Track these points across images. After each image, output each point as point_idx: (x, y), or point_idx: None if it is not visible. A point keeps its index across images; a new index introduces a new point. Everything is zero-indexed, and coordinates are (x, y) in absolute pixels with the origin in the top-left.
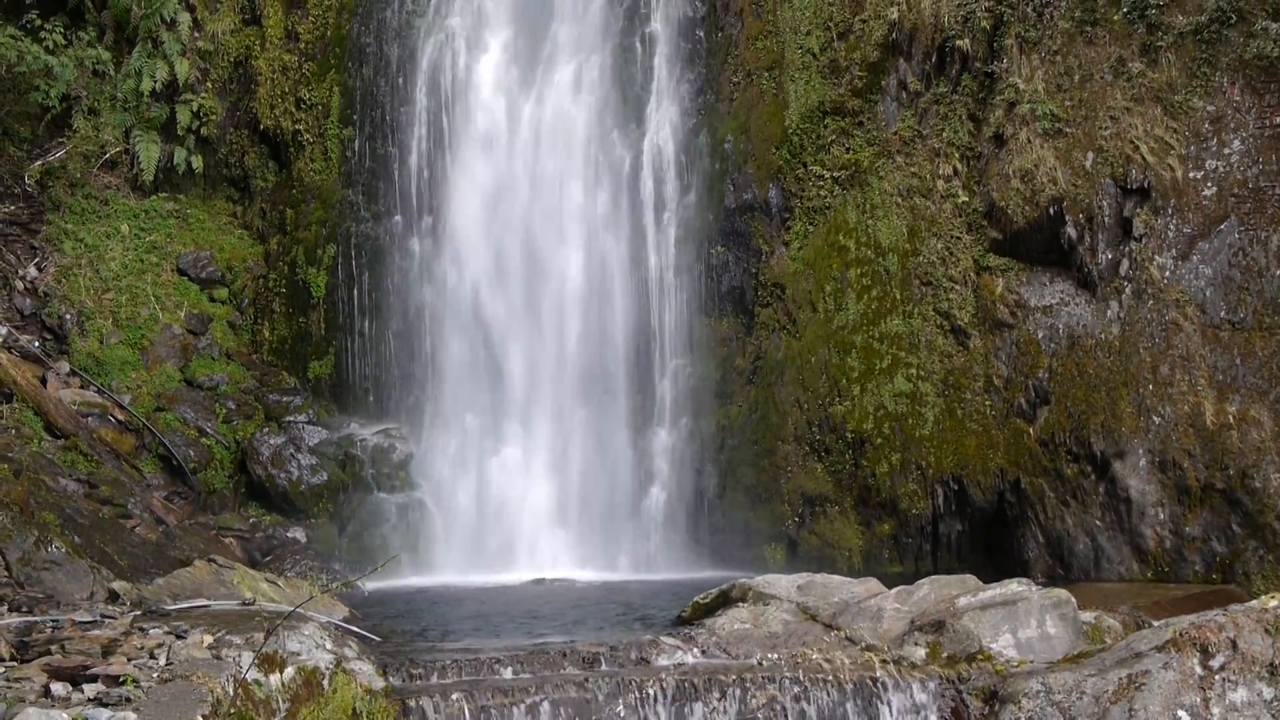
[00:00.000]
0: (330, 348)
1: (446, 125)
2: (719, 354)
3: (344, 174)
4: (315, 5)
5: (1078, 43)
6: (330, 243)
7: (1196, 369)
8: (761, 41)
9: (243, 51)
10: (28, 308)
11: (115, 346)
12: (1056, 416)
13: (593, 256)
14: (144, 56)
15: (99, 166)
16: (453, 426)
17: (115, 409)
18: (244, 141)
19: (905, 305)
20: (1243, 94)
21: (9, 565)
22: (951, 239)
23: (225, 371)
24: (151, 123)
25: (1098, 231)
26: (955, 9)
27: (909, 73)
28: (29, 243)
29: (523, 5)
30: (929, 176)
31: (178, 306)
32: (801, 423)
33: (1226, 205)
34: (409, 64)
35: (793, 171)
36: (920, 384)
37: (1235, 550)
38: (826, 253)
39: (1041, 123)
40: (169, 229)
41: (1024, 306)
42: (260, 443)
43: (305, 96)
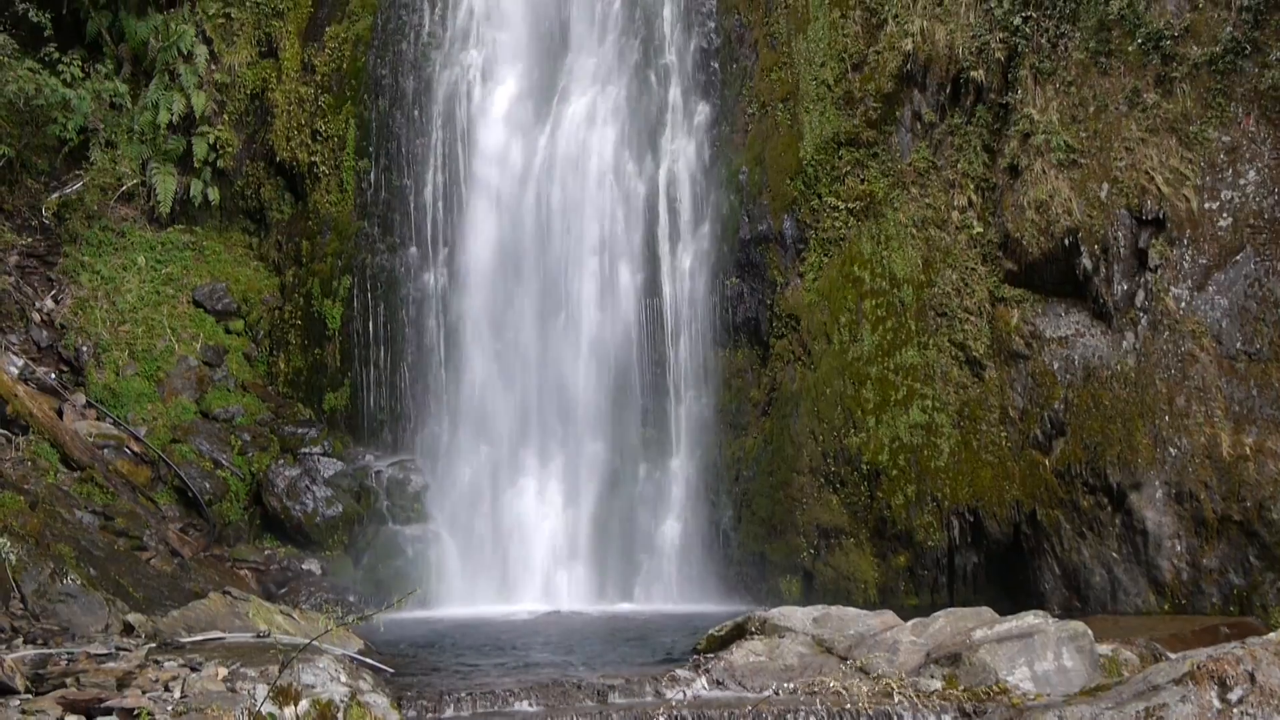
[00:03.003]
0: (345, 379)
1: (462, 157)
2: (734, 385)
3: (359, 206)
4: (331, 38)
5: (1092, 74)
6: (345, 274)
7: (1213, 400)
8: (776, 73)
9: (259, 84)
10: (44, 340)
11: (131, 378)
12: (1072, 448)
13: (608, 288)
14: (161, 89)
15: (116, 199)
16: (467, 458)
17: (131, 441)
18: (260, 174)
19: (920, 336)
20: (1258, 124)
21: (24, 598)
22: (966, 270)
23: (241, 403)
24: (168, 155)
25: (1113, 262)
26: (969, 40)
27: (923, 104)
28: (46, 275)
29: (538, 38)
30: (944, 207)
31: (193, 338)
32: (816, 454)
33: (1242, 236)
34: (425, 96)
35: (807, 203)
36: (935, 415)
37: (1253, 582)
38: (841, 284)
39: (1056, 154)
40: (185, 261)
41: (1039, 338)
42: (275, 475)
43: (321, 129)
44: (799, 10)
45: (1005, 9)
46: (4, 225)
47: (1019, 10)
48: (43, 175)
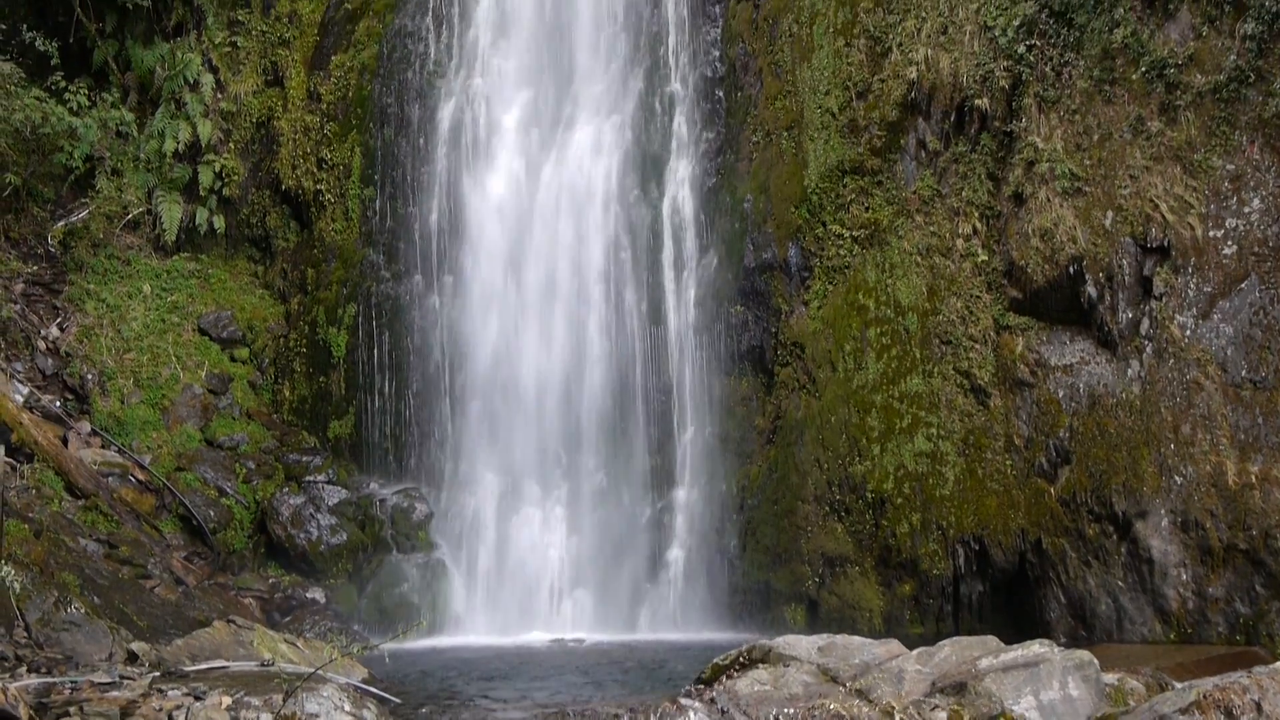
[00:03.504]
0: (350, 407)
1: (467, 185)
2: (738, 413)
3: (365, 234)
4: (337, 67)
5: (1096, 102)
6: (351, 302)
7: (1218, 428)
8: (781, 101)
9: (265, 112)
10: (50, 368)
11: (136, 406)
12: (1078, 476)
13: (612, 316)
14: (167, 118)
15: (121, 227)
16: (472, 486)
17: (136, 469)
18: (265, 202)
19: (925, 364)
20: (1262, 152)
21: (28, 626)
22: (971, 298)
23: (245, 431)
24: (174, 183)
25: (1118, 290)
26: (974, 69)
27: (928, 132)
28: (51, 303)
29: (543, 66)
30: (948, 235)
31: (198, 366)
32: (821, 482)
33: (1247, 264)
34: (430, 124)
35: (812, 231)
36: (940, 443)
37: (1259, 611)
38: (846, 312)
39: (1061, 181)
40: (190, 289)
41: (1044, 365)
42: (280, 503)
43: (327, 157)
44: (803, 39)
45: (1009, 37)
46: (10, 253)
47: (1023, 39)
48: (49, 203)
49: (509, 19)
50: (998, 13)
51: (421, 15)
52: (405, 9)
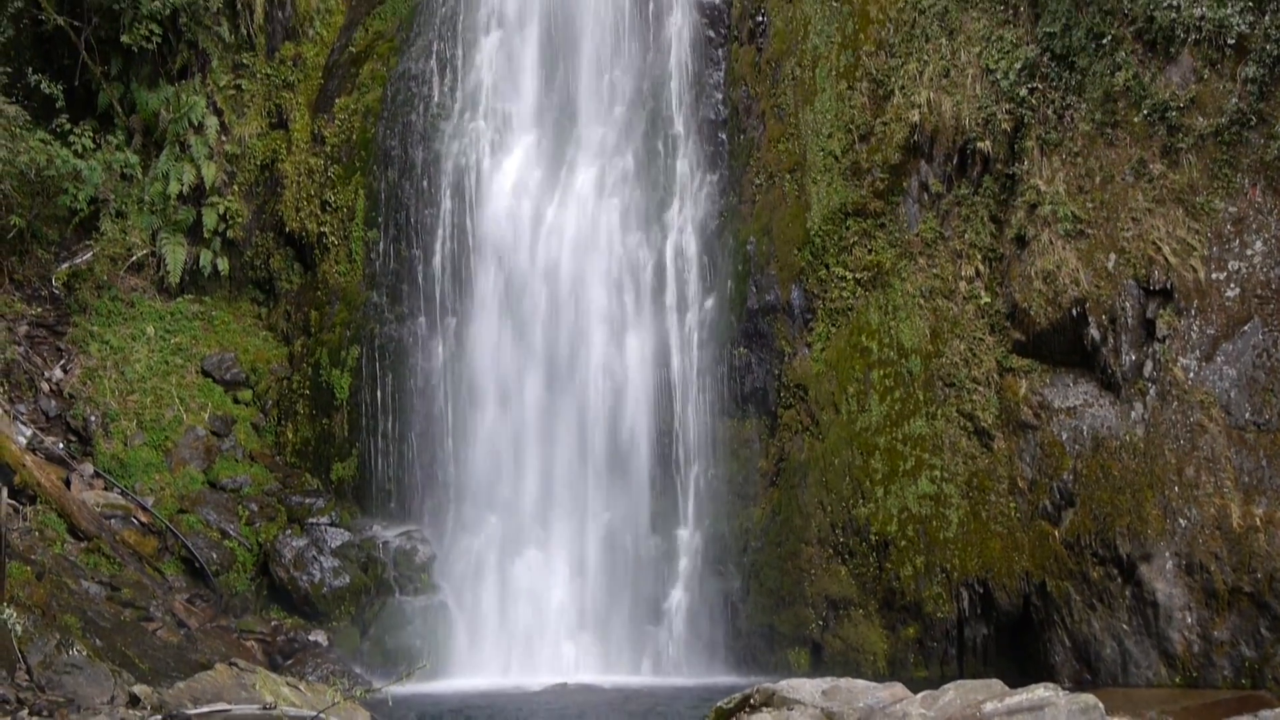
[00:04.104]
0: (353, 449)
1: (470, 227)
2: (741, 455)
3: (368, 276)
4: (341, 109)
5: (1098, 144)
6: (354, 344)
7: (1222, 471)
8: (783, 144)
9: (269, 155)
10: (53, 409)
11: (139, 448)
12: (1082, 519)
13: (615, 358)
14: (172, 160)
15: (125, 269)
16: (475, 528)
17: (138, 511)
18: (269, 244)
19: (928, 407)
20: (1264, 195)
21: (30, 669)
22: (974, 340)
23: (248, 473)
24: (178, 225)
25: (1121, 333)
26: (976, 111)
27: (930, 174)
28: (55, 344)
29: (547, 108)
30: (951, 278)
31: (201, 408)
32: (825, 525)
33: (1250, 306)
34: (433, 167)
35: (815, 273)
36: (944, 486)
37: (1264, 655)
38: (849, 354)
39: (1063, 224)
40: (194, 331)
41: (1048, 408)
42: (282, 545)
43: (330, 199)
44: (806, 82)
45: (1011, 80)
46: (14, 295)
47: (1025, 82)
48: (53, 245)
49: (512, 62)
50: (999, 56)
51: (425, 58)
52: (409, 52)
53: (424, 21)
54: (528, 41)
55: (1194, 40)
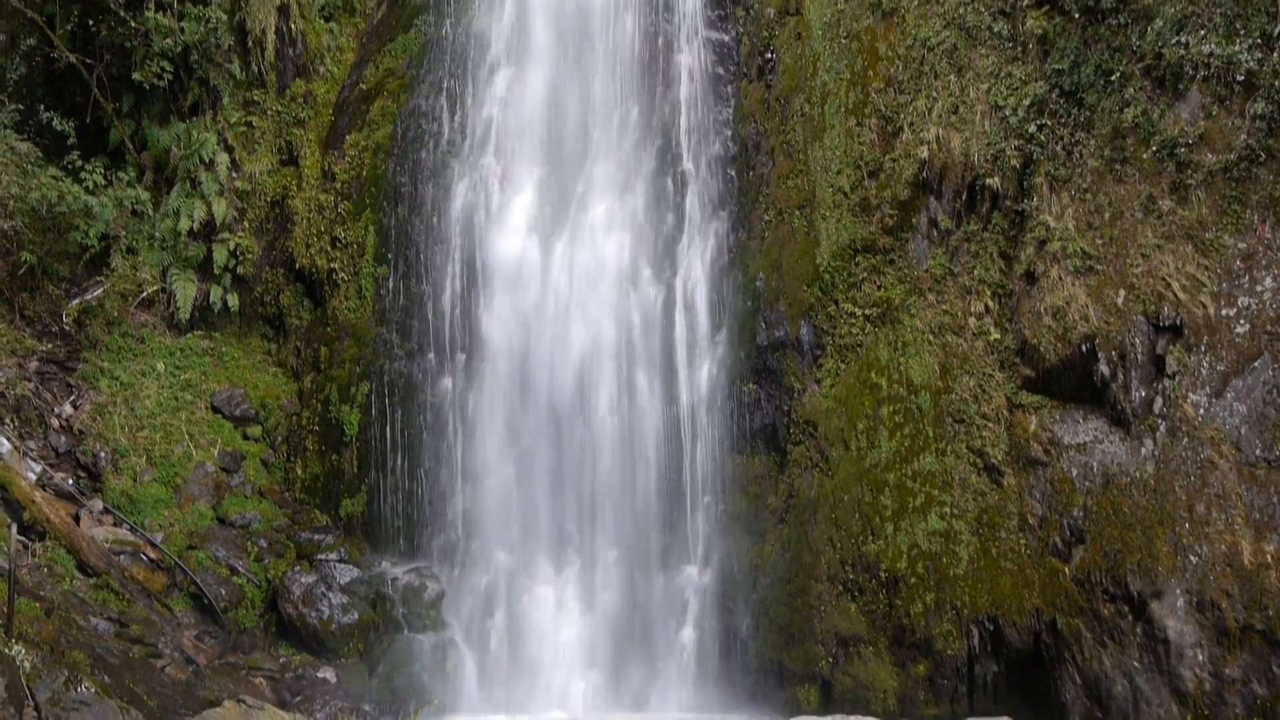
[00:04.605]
0: (362, 486)
1: (480, 263)
2: (751, 491)
3: (378, 312)
4: (351, 146)
5: (1107, 181)
6: (364, 380)
7: (1233, 508)
8: (793, 180)
9: (280, 191)
10: (63, 445)
11: (148, 484)
12: (1092, 555)
13: (625, 394)
14: (182, 196)
15: (136, 305)
16: (484, 564)
17: (147, 547)
18: (279, 280)
19: (938, 443)
20: (1273, 231)
21: (38, 706)
22: (984, 376)
23: (257, 509)
24: (189, 261)
25: (1130, 369)
26: (985, 148)
27: (940, 210)
28: (65, 381)
29: (556, 145)
30: (961, 314)
31: (211, 444)
32: (835, 561)
33: (1260, 343)
34: (443, 203)
35: (824, 309)
36: (954, 522)
37: (1276, 693)
38: (858, 390)
39: (1072, 260)
40: (204, 367)
41: (1058, 444)
42: (291, 581)
43: (341, 235)
44: (815, 118)
45: (1020, 117)
46: (24, 331)
47: (1034, 118)
48: (64, 281)
49: (522, 99)
50: (1008, 92)
51: (435, 95)
52: (419, 89)
53: (434, 59)
54: (537, 79)
55: (1202, 77)
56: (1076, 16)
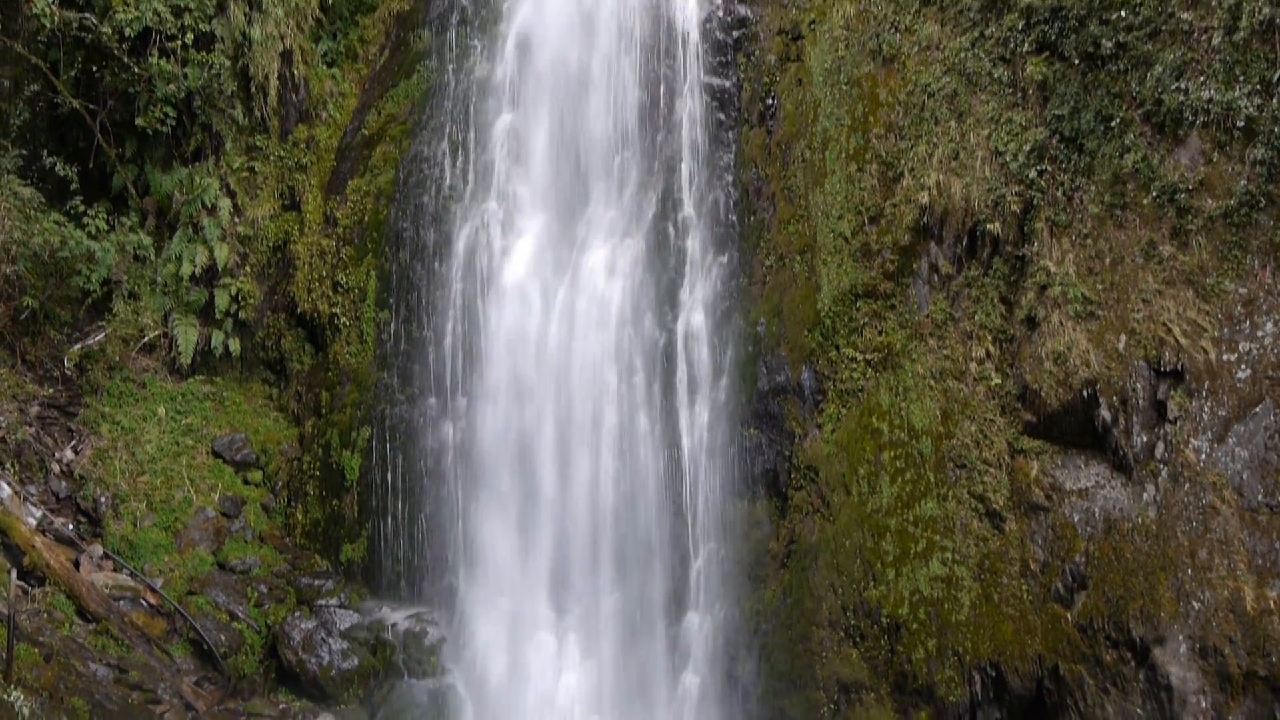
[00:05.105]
0: (363, 531)
1: (481, 308)
2: (752, 537)
3: (379, 357)
4: (354, 191)
5: (1108, 226)
6: (365, 425)
7: (1235, 553)
8: (793, 225)
9: (282, 236)
10: (63, 490)
11: (149, 529)
12: (1094, 601)
13: (626, 439)
14: (184, 241)
15: (137, 350)
16: (485, 610)
17: (147, 593)
18: (281, 325)
19: (939, 488)
20: (1274, 276)
21: None
22: (985, 421)
23: (258, 555)
24: (190, 306)
25: (1132, 414)
26: (985, 193)
27: (940, 256)
28: (66, 425)
29: (557, 190)
30: (962, 359)
31: (212, 489)
32: (836, 607)
33: (1261, 388)
34: (445, 248)
35: (825, 354)
36: (956, 568)
37: None
38: (860, 435)
39: (1073, 305)
40: (205, 411)
41: (1059, 489)
42: (291, 627)
43: (342, 280)
44: (816, 164)
45: (1020, 163)
46: (25, 376)
47: (1034, 164)
48: (65, 326)
49: (524, 144)
50: (1008, 138)
51: (437, 141)
52: (421, 135)
53: (436, 104)
54: (539, 124)
55: (1202, 123)
56: (1076, 63)
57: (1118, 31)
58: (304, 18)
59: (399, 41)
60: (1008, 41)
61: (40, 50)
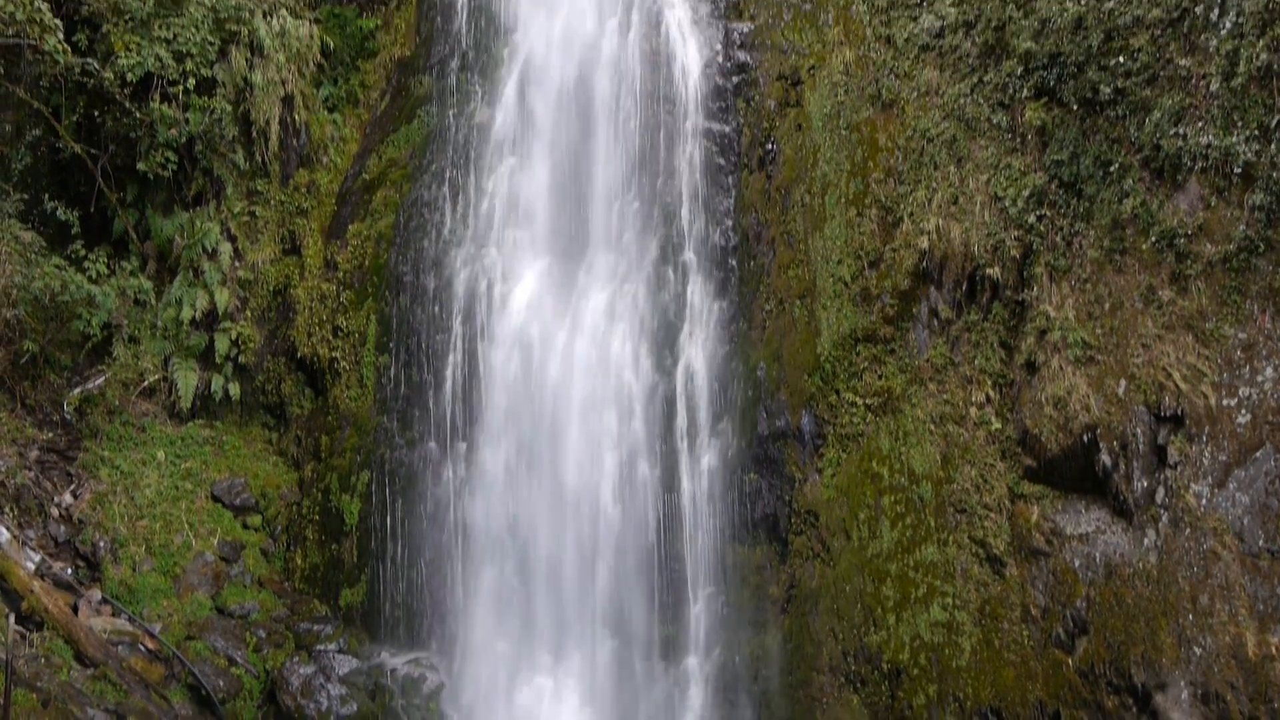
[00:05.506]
0: (362, 575)
1: (481, 353)
2: (752, 582)
3: (379, 401)
4: (354, 235)
5: (1107, 271)
6: (364, 469)
7: (1236, 599)
8: (793, 270)
9: (282, 280)
10: (62, 535)
11: (148, 574)
12: (1096, 647)
13: (626, 483)
14: (185, 285)
15: (137, 394)
16: (484, 655)
17: (145, 638)
18: (281, 369)
19: (940, 533)
20: (1274, 321)
21: None
22: (985, 466)
23: (257, 599)
24: (190, 350)
25: (1132, 459)
26: (985, 238)
27: (940, 300)
28: (65, 469)
29: (558, 235)
30: (962, 403)
31: (211, 534)
32: (837, 653)
33: (1261, 433)
34: (445, 292)
35: (825, 398)
36: (956, 613)
37: None
38: (860, 480)
39: (1073, 350)
40: (204, 455)
41: (1060, 534)
42: (290, 672)
43: (342, 324)
44: (815, 209)
45: (1020, 208)
46: (25, 420)
47: (1033, 209)
48: (65, 370)
49: (524, 189)
50: (1008, 183)
51: (438, 185)
52: (422, 179)
53: (437, 149)
54: (540, 168)
55: (1201, 168)
56: (1075, 108)
57: (1116, 77)
58: (305, 63)
59: (400, 86)
60: (1006, 87)
61: (43, 95)
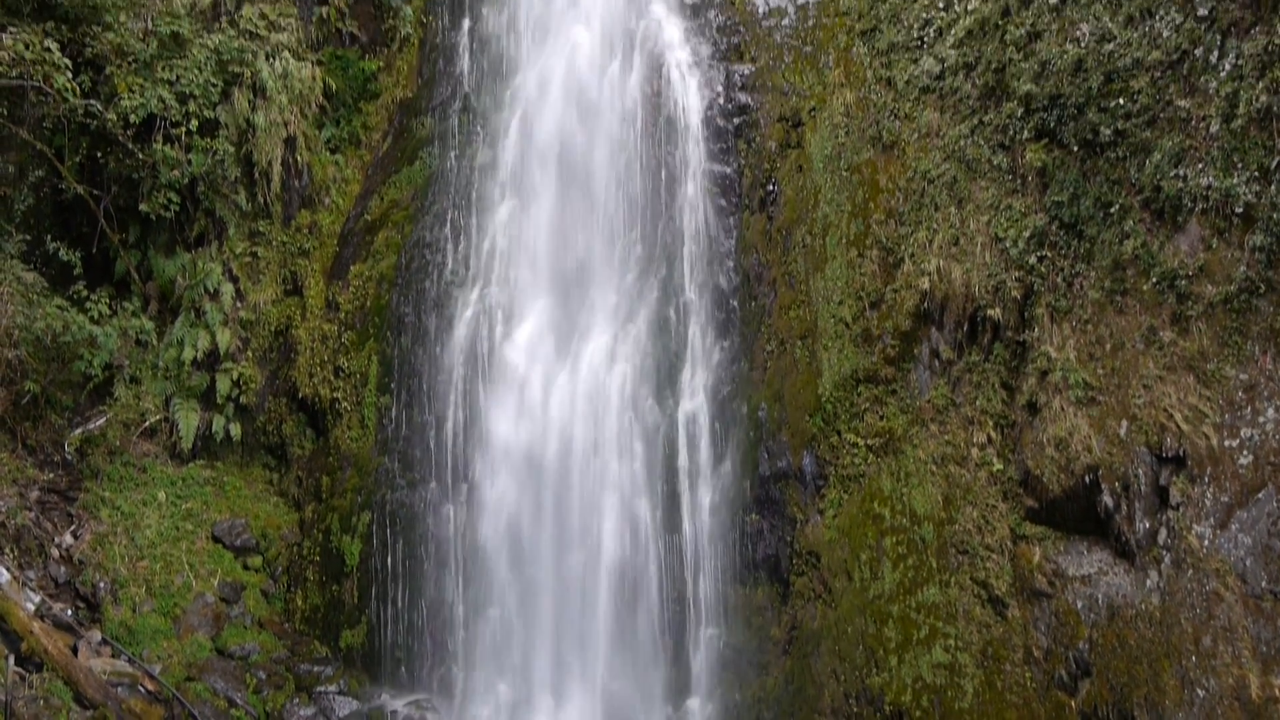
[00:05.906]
0: (363, 616)
1: (482, 394)
2: (754, 623)
3: (380, 442)
4: (356, 276)
5: (1108, 312)
6: (365, 510)
7: (1239, 640)
8: (794, 311)
9: (283, 321)
10: (62, 575)
11: (148, 615)
12: (1098, 689)
13: (626, 524)
14: (187, 326)
15: (138, 434)
16: (485, 697)
17: (145, 679)
18: (282, 409)
19: (942, 574)
20: (1275, 362)
21: None
22: (987, 507)
23: (257, 640)
24: (192, 391)
25: (1134, 500)
26: (986, 279)
27: (941, 341)
28: (66, 510)
29: (559, 275)
30: (963, 444)
31: (211, 574)
32: (838, 695)
33: (1263, 474)
34: (446, 333)
35: (827, 439)
36: (959, 655)
37: None
38: (861, 521)
39: (1074, 391)
40: (205, 496)
41: (1062, 576)
42: (290, 714)
43: (344, 365)
44: (816, 250)
45: (1020, 249)
46: (26, 461)
47: (1034, 250)
48: (66, 411)
49: (526, 230)
50: (1008, 224)
51: (439, 226)
52: (424, 220)
53: (439, 190)
54: (541, 209)
55: (1201, 209)
56: (1075, 150)
57: (1116, 119)
58: (308, 104)
59: (402, 128)
60: (1007, 129)
61: (45, 136)
